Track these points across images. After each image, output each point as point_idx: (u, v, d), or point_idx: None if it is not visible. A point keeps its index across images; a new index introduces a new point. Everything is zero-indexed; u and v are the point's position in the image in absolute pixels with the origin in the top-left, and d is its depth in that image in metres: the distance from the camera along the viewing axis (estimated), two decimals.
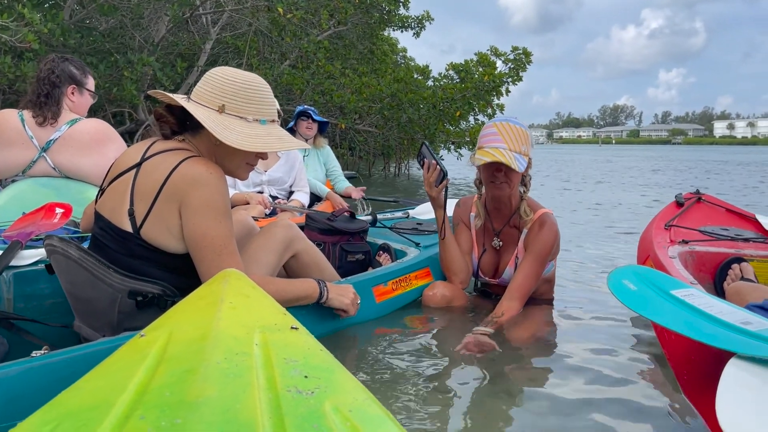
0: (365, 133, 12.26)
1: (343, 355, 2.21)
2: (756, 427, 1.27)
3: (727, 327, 1.66)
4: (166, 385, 0.91)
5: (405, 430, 0.91)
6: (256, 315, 1.20)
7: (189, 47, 9.82)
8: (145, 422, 0.82)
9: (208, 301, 1.23)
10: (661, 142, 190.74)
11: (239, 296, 1.26)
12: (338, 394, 0.95)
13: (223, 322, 1.12)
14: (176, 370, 0.95)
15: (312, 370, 1.01)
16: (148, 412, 0.84)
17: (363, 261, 3.02)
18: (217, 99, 1.82)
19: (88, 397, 0.93)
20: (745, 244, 3.10)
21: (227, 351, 1.02)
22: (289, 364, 1.02)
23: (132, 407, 0.86)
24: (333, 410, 0.89)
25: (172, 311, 1.23)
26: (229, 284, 1.31)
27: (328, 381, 0.99)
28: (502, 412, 1.80)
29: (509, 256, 2.74)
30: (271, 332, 1.14)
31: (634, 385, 2.00)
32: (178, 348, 1.04)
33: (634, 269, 2.11)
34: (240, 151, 1.85)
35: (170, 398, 0.87)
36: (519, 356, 2.26)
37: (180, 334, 1.09)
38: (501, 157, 2.46)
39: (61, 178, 2.98)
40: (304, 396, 0.92)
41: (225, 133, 1.77)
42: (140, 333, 1.14)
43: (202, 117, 1.78)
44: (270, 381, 0.95)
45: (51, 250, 1.84)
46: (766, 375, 1.44)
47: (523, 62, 10.79)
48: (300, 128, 5.02)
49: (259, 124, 1.85)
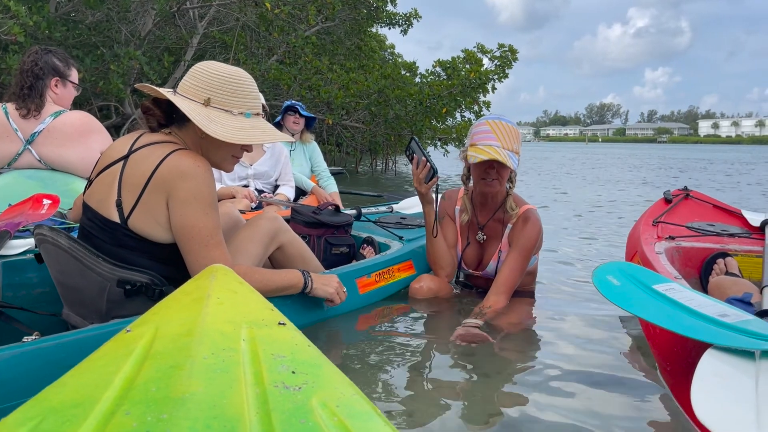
0: (352, 129, 12.26)
1: (330, 347, 2.24)
2: (727, 413, 1.31)
3: (705, 319, 1.70)
4: (152, 380, 0.91)
5: (392, 425, 0.91)
6: (243, 311, 1.20)
7: (176, 41, 9.76)
8: (130, 418, 0.81)
9: (195, 297, 1.23)
10: (647, 140, 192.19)
11: (226, 292, 1.26)
12: (326, 389, 0.96)
13: (210, 318, 1.12)
14: (162, 366, 0.95)
15: (299, 366, 1.02)
16: (134, 407, 0.84)
17: (347, 254, 3.06)
18: (203, 92, 1.85)
19: (72, 393, 0.92)
20: (731, 240, 3.15)
21: (214, 347, 1.02)
22: (277, 360, 1.02)
23: (117, 403, 0.86)
24: (320, 405, 0.90)
25: (159, 307, 1.23)
26: (216, 280, 1.31)
27: (316, 376, 0.99)
28: (489, 400, 1.83)
29: (493, 250, 2.78)
30: (259, 328, 1.14)
31: (621, 376, 2.04)
32: (165, 343, 1.04)
33: (618, 266, 2.16)
34: (225, 144, 1.88)
35: (156, 394, 0.87)
36: (507, 346, 2.31)
37: (166, 330, 1.09)
38: (497, 156, 2.50)
39: (47, 170, 2.98)
40: (291, 391, 0.92)
41: (211, 126, 1.80)
42: (126, 328, 1.14)
43: (188, 110, 1.81)
44: (257, 376, 0.95)
45: (41, 239, 1.86)
46: (740, 364, 1.48)
47: (509, 59, 10.82)
48: (287, 123, 5.03)
49: (244, 117, 1.89)
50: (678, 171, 17.81)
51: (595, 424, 1.68)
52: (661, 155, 35.21)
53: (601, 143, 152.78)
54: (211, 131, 1.79)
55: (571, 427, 1.65)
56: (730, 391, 1.40)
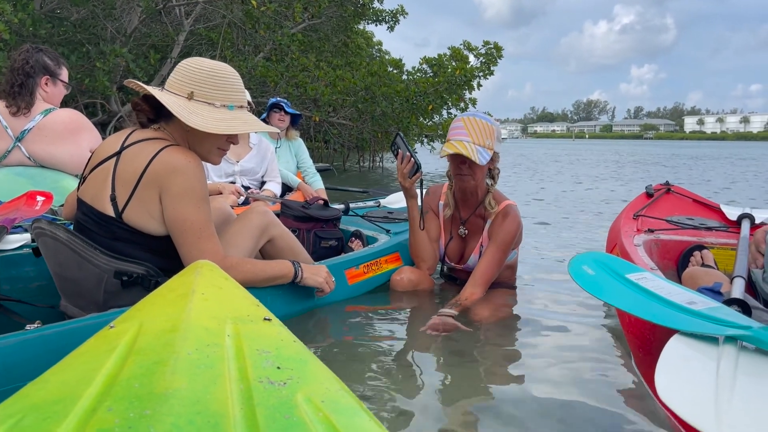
0: (339, 126, 12.30)
1: (315, 338, 2.31)
2: (687, 394, 1.39)
3: (674, 307, 1.78)
4: (135, 376, 0.90)
5: (377, 420, 0.92)
6: (228, 306, 1.20)
7: (162, 39, 9.76)
8: (112, 414, 0.80)
9: (180, 293, 1.22)
10: (634, 136, 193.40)
11: (211, 287, 1.26)
12: (311, 384, 0.96)
13: (195, 314, 1.11)
14: (146, 362, 0.94)
15: (284, 361, 1.02)
16: (116, 403, 0.83)
17: (336, 247, 3.14)
18: (187, 86, 1.92)
19: (54, 390, 0.91)
20: (708, 233, 3.24)
21: (198, 342, 1.01)
22: (262, 355, 1.02)
23: (99, 399, 0.85)
24: (305, 401, 0.90)
25: (143, 303, 1.23)
26: (202, 275, 1.30)
27: (301, 372, 0.99)
28: (468, 391, 1.88)
29: (474, 244, 2.85)
30: (244, 323, 1.14)
31: (597, 363, 2.11)
32: (148, 339, 1.03)
33: (593, 256, 2.24)
34: (210, 136, 1.94)
35: (139, 390, 0.86)
36: (481, 336, 2.38)
37: (150, 326, 1.08)
38: (463, 150, 2.57)
39: (36, 167, 3.02)
40: (276, 387, 0.92)
41: (191, 117, 1.86)
42: (110, 324, 1.14)
43: (170, 103, 1.87)
44: (242, 372, 0.95)
45: (40, 232, 1.93)
46: (703, 349, 1.56)
47: (494, 56, 10.92)
48: (272, 120, 5.08)
49: (226, 110, 1.95)
50: (662, 167, 17.99)
51: (566, 408, 1.75)
52: (647, 152, 35.46)
53: (588, 139, 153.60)
54: (192, 122, 1.85)
55: (544, 413, 1.72)
56: (692, 374, 1.48)
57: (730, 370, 1.44)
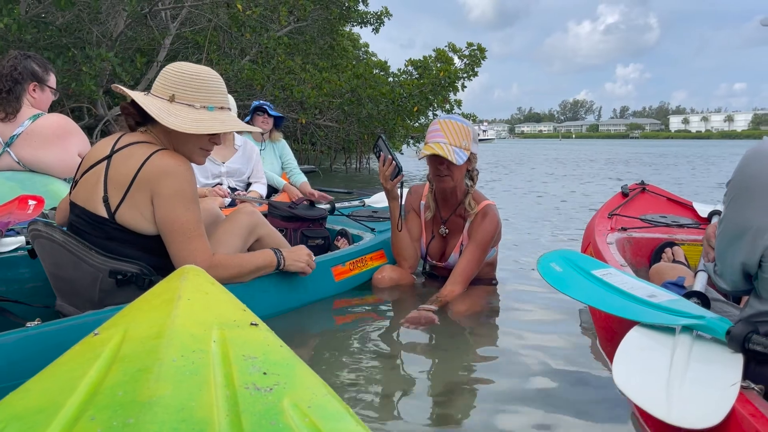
0: (326, 128, 12.37)
1: (304, 334, 2.40)
2: (642, 380, 1.50)
3: (635, 300, 1.89)
4: (118, 384, 0.89)
5: (364, 424, 0.92)
6: (214, 312, 1.18)
7: (148, 42, 9.77)
8: (95, 423, 0.79)
9: (165, 298, 1.20)
10: (620, 136, 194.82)
11: (197, 293, 1.24)
12: (297, 390, 0.95)
13: (180, 320, 1.10)
14: (130, 369, 0.93)
15: (271, 367, 1.01)
16: (100, 412, 0.82)
17: (323, 245, 3.25)
18: (169, 90, 2.00)
19: (36, 399, 0.90)
20: (679, 230, 3.35)
21: (183, 348, 0.99)
22: (248, 361, 1.01)
23: (82, 408, 0.84)
24: (291, 407, 0.89)
25: (128, 309, 1.21)
26: (187, 281, 1.28)
27: (288, 377, 0.99)
28: (447, 384, 1.97)
29: (455, 243, 2.95)
30: (230, 329, 1.12)
31: (569, 355, 2.22)
32: (133, 346, 1.01)
33: (561, 253, 2.35)
34: (191, 136, 2.02)
35: (123, 398, 0.85)
36: (458, 329, 2.49)
37: (135, 332, 1.07)
38: (440, 150, 2.67)
39: (25, 172, 3.07)
40: (262, 393, 0.91)
41: (169, 119, 1.94)
42: (94, 332, 1.12)
43: (149, 106, 1.95)
44: (227, 378, 0.94)
45: (36, 234, 2.00)
46: (660, 338, 1.67)
47: (478, 58, 11.04)
48: (256, 123, 5.16)
49: (206, 111, 2.03)
50: (647, 165, 18.18)
51: (540, 397, 1.85)
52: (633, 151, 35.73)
53: (575, 139, 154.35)
54: (169, 123, 1.93)
55: (518, 403, 1.82)
56: (648, 362, 1.58)
57: (684, 358, 1.54)
